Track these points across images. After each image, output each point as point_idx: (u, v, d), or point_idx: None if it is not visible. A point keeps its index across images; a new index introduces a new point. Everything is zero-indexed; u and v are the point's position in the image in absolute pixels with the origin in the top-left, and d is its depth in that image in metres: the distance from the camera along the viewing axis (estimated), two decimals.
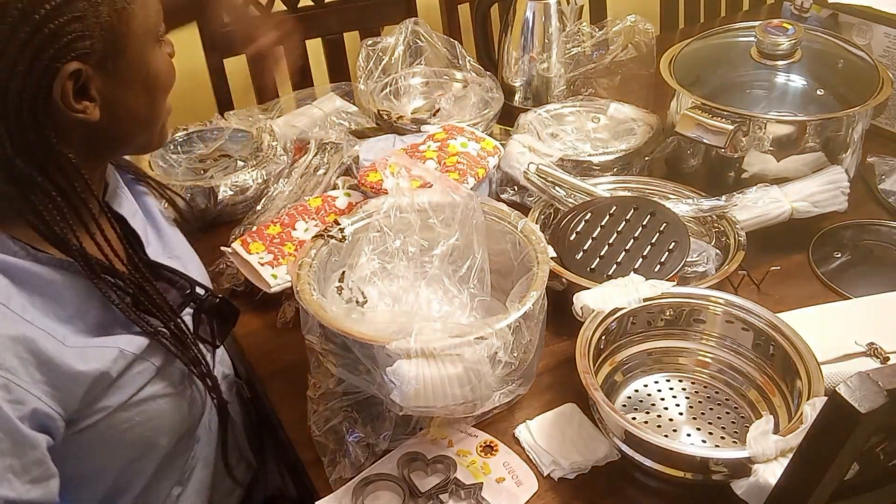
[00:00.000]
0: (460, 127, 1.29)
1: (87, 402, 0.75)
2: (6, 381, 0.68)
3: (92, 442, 0.77)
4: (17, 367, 0.69)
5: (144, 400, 0.80)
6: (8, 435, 0.68)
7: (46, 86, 0.68)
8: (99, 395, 0.76)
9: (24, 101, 0.67)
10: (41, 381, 0.70)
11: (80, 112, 0.71)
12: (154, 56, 0.76)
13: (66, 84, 0.69)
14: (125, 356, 0.77)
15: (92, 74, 0.71)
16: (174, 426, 0.85)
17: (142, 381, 0.79)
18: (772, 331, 0.93)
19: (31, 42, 0.66)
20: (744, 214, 1.13)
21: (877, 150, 1.34)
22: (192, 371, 0.84)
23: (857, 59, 1.27)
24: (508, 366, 0.84)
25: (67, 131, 0.72)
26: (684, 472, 0.82)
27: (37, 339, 0.70)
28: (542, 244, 0.96)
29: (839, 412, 0.58)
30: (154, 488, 0.89)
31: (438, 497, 0.84)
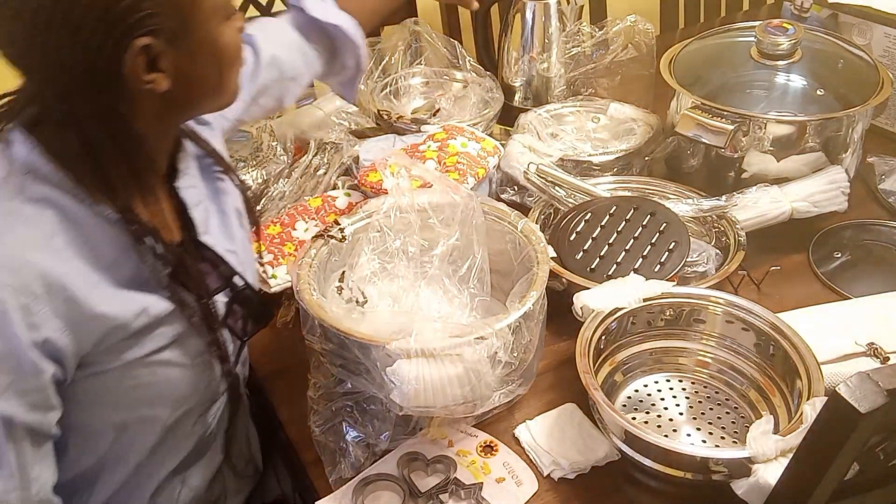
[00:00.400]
0: (460, 127, 1.29)
1: (102, 348, 0.77)
2: (27, 304, 0.71)
3: (97, 390, 0.79)
4: (42, 295, 0.71)
5: (156, 363, 0.81)
6: (15, 354, 0.71)
7: (118, 59, 0.71)
8: (114, 346, 0.78)
9: (97, 72, 0.71)
10: (62, 314, 0.73)
11: (150, 83, 0.74)
12: (222, 31, 0.78)
13: (138, 57, 0.72)
14: (147, 314, 0.79)
15: (162, 48, 0.73)
16: (179, 399, 0.85)
17: (158, 344, 0.81)
18: (772, 331, 0.93)
19: (105, 18, 0.69)
20: (744, 214, 1.13)
21: (877, 150, 1.34)
22: (209, 350, 0.85)
23: (857, 59, 1.27)
24: (508, 366, 0.84)
25: (138, 101, 0.75)
26: (684, 472, 0.82)
27: (69, 275, 0.73)
28: (542, 244, 0.96)
29: (839, 412, 0.59)
30: (150, 470, 0.88)
31: (438, 497, 0.84)
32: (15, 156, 0.75)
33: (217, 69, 0.80)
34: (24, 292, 0.70)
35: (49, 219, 0.74)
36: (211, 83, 0.80)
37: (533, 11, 1.44)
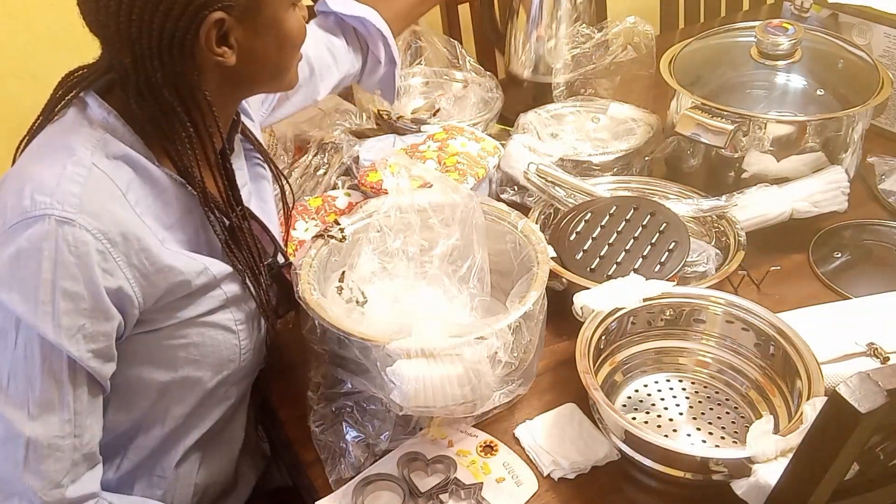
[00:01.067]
0: (460, 127, 1.29)
1: (162, 304, 0.81)
2: (106, 250, 0.75)
3: (148, 348, 0.83)
4: (120, 243, 0.76)
5: (207, 324, 0.86)
6: (92, 297, 0.75)
7: (195, 29, 0.76)
8: (174, 303, 0.82)
9: (175, 39, 0.76)
10: (135, 265, 0.77)
11: (219, 56, 0.80)
12: (288, 16, 0.83)
13: (211, 30, 0.77)
14: (207, 274, 0.84)
15: (233, 25, 0.79)
16: (222, 362, 0.88)
17: (212, 305, 0.86)
18: (772, 331, 0.93)
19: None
20: (744, 214, 1.13)
21: (877, 150, 1.34)
22: (255, 315, 0.91)
23: (857, 59, 1.27)
24: (508, 366, 0.84)
25: (207, 71, 0.81)
26: (684, 472, 0.82)
27: (141, 228, 0.78)
28: (542, 244, 0.96)
29: (839, 412, 0.59)
30: (181, 436, 0.91)
31: (438, 497, 0.84)
32: (93, 116, 0.80)
33: (280, 51, 0.85)
34: (104, 238, 0.75)
35: (125, 175, 0.79)
36: (273, 64, 0.86)
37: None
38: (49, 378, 0.74)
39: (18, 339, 0.74)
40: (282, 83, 0.91)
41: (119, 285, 0.76)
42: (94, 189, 0.76)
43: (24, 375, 0.74)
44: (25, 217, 0.73)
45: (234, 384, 0.92)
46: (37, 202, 0.73)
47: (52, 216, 0.73)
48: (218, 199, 0.87)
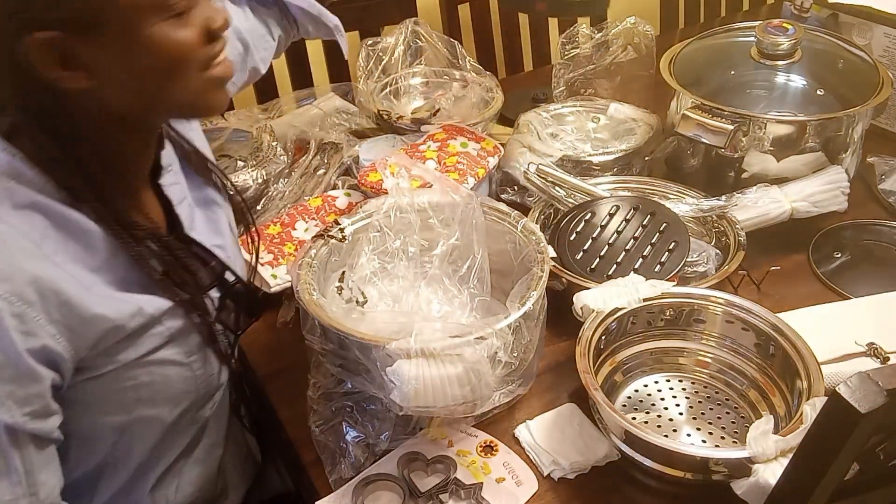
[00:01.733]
0: (460, 127, 1.29)
1: (99, 350, 0.76)
2: (22, 311, 0.70)
3: (96, 394, 0.79)
4: (36, 302, 0.70)
5: (154, 363, 0.81)
6: (13, 363, 0.70)
7: (18, 53, 0.68)
8: (111, 348, 0.77)
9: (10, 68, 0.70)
10: (57, 320, 0.72)
11: (66, 80, 0.71)
12: (155, 31, 0.71)
13: (45, 53, 0.68)
14: (143, 314, 0.78)
15: (75, 44, 0.69)
16: (178, 396, 0.85)
17: (154, 343, 0.80)
18: (772, 331, 0.93)
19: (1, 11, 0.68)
20: (744, 214, 1.13)
21: (877, 150, 1.34)
22: (207, 345, 0.85)
23: (857, 59, 1.27)
24: (508, 366, 0.84)
25: (71, 98, 0.73)
26: (684, 472, 0.82)
27: (61, 280, 0.72)
28: (542, 244, 0.96)
29: (839, 412, 0.58)
30: (151, 468, 0.88)
31: (438, 497, 0.84)
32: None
33: (154, 73, 0.73)
34: (18, 300, 0.69)
35: (37, 224, 0.72)
36: (151, 88, 0.74)
37: None
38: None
39: None
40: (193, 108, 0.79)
41: (43, 344, 0.71)
42: (3, 249, 0.70)
43: None
44: None
45: (199, 409, 0.89)
46: None
47: None
48: (147, 229, 0.80)
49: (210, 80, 0.77)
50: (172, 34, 0.72)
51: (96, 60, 0.71)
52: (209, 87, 0.77)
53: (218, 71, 0.77)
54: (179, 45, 0.72)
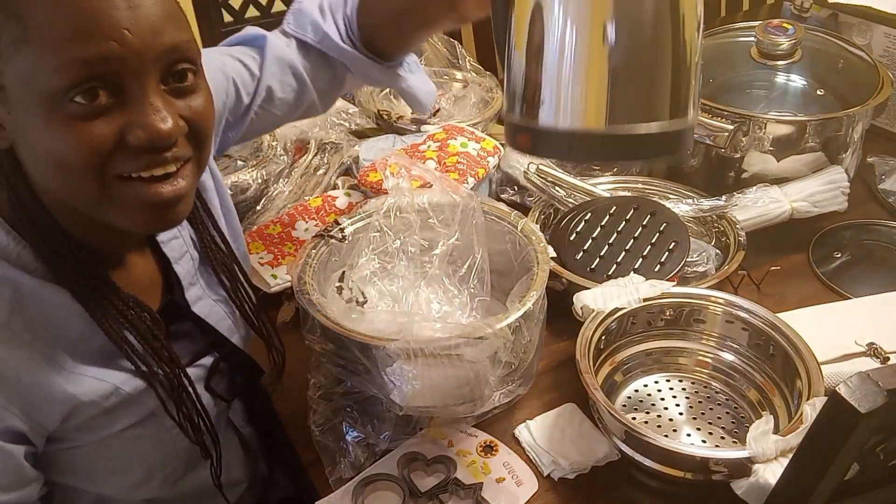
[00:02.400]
0: (460, 127, 1.29)
1: (71, 425, 0.73)
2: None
3: (71, 462, 0.77)
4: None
5: (130, 438, 0.77)
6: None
7: None
8: (84, 423, 0.73)
9: None
10: (21, 402, 0.68)
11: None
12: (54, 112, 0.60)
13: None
14: (119, 394, 0.74)
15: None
16: (157, 466, 0.81)
17: (131, 421, 0.76)
18: (772, 331, 0.93)
19: None
20: (744, 214, 1.13)
21: (877, 150, 1.34)
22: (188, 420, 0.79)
23: (857, 59, 1.27)
24: (508, 366, 0.84)
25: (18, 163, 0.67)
26: (684, 472, 0.82)
27: (28, 360, 0.68)
28: (542, 244, 0.96)
29: (839, 412, 0.58)
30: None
31: (438, 497, 0.84)
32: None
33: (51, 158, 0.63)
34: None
35: (6, 298, 0.67)
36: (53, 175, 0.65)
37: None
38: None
39: None
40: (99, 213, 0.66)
41: (7, 425, 0.68)
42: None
43: None
44: None
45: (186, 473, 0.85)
46: None
47: None
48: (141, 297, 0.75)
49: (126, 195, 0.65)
50: (73, 127, 0.60)
51: (7, 121, 0.64)
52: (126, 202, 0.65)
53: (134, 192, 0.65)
54: (75, 142, 0.61)
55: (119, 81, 0.61)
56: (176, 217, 0.68)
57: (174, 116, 0.63)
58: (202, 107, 0.67)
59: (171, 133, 0.63)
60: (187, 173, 0.67)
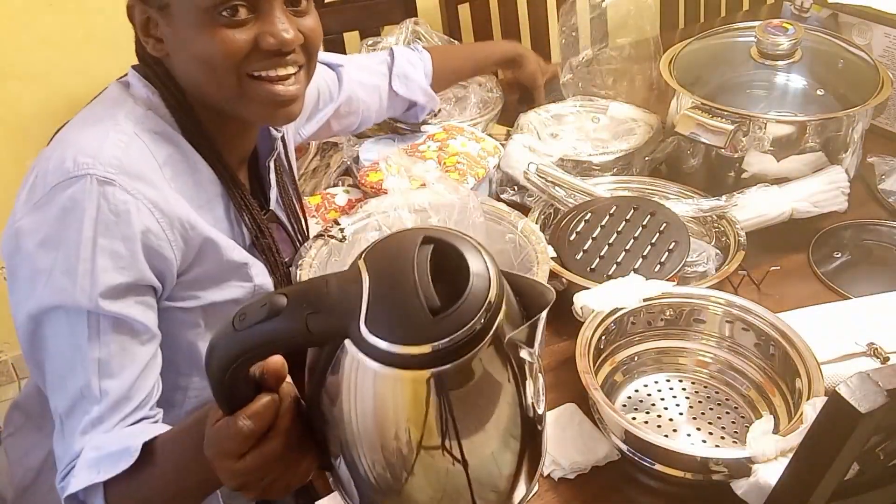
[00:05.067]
0: (460, 127, 1.29)
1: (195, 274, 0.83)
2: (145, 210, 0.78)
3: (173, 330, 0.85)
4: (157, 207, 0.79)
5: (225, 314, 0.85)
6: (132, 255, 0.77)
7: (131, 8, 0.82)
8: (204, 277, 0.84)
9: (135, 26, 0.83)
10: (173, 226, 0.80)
11: (149, 45, 0.83)
12: (205, 23, 0.78)
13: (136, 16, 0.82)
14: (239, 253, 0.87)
15: (154, 16, 0.81)
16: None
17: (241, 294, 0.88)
18: (772, 331, 0.93)
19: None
20: (744, 214, 1.13)
21: (877, 150, 1.34)
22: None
23: (857, 59, 1.27)
24: None
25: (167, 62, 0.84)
26: (684, 472, 0.82)
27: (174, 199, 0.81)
28: (542, 244, 0.96)
29: (839, 412, 0.59)
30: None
31: None
32: (136, 93, 0.85)
33: (199, 61, 0.81)
34: (144, 199, 0.77)
35: (164, 150, 0.82)
36: (199, 75, 0.82)
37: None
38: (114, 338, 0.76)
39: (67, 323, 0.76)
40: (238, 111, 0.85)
41: (158, 244, 0.78)
42: (135, 156, 0.79)
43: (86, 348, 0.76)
44: (67, 177, 0.76)
45: None
46: (79, 163, 0.76)
47: (93, 176, 0.75)
48: (247, 195, 0.89)
49: (255, 92, 0.82)
50: (220, 34, 0.78)
51: (164, 33, 0.81)
52: (254, 97, 0.82)
53: (264, 88, 0.82)
54: (221, 45, 0.79)
55: (255, 3, 0.79)
56: (290, 114, 0.86)
57: (295, 30, 0.81)
58: (314, 25, 0.85)
59: (294, 41, 0.81)
60: (301, 78, 0.85)
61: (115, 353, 0.76)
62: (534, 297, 0.56)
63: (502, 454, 0.58)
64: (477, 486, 0.57)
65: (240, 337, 0.54)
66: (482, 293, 0.52)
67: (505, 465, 0.59)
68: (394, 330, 0.51)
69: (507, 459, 0.58)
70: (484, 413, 0.55)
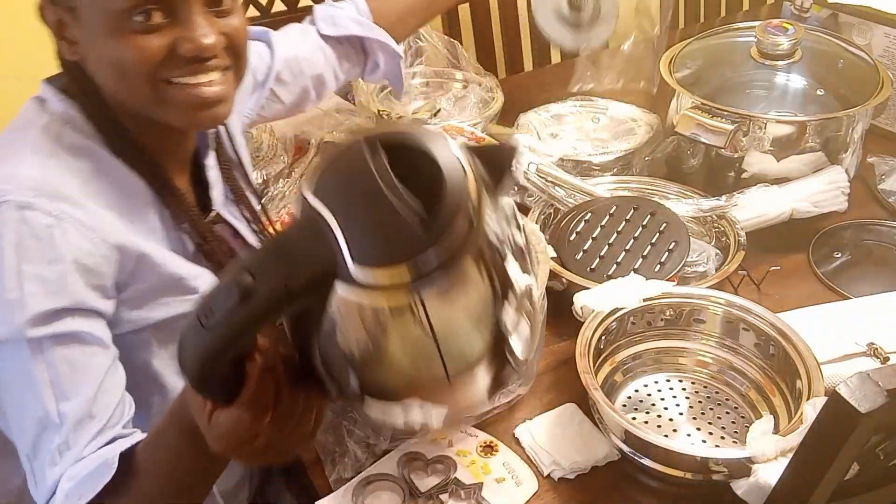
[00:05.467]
0: (460, 127, 1.29)
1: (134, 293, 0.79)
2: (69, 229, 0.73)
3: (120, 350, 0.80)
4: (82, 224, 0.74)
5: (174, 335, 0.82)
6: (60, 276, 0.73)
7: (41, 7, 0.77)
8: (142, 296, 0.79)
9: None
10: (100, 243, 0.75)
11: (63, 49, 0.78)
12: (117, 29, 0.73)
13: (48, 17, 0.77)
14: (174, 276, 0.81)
15: (63, 17, 0.76)
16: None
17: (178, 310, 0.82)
18: (772, 331, 0.93)
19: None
20: (744, 214, 1.13)
21: (877, 150, 1.34)
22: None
23: (857, 59, 1.27)
24: None
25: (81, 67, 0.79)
26: (684, 472, 0.82)
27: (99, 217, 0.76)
28: (542, 244, 0.96)
29: (839, 412, 0.59)
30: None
31: (438, 497, 0.84)
32: (52, 109, 0.80)
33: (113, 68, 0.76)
34: (66, 217, 0.73)
35: (84, 166, 0.78)
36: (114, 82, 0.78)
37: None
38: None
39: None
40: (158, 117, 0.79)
41: (94, 263, 0.74)
42: (54, 176, 0.75)
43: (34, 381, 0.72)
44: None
45: None
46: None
47: (10, 202, 0.72)
48: (186, 200, 0.84)
49: (173, 97, 0.77)
50: (132, 40, 0.73)
51: (77, 36, 0.76)
52: (173, 102, 0.77)
53: (183, 93, 0.77)
54: (134, 53, 0.74)
55: (170, 4, 0.73)
56: (215, 116, 0.80)
57: (216, 33, 0.76)
58: (238, 25, 0.79)
59: (214, 45, 0.76)
60: (227, 79, 0.80)
61: (66, 373, 0.72)
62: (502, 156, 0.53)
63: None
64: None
65: (215, 334, 0.50)
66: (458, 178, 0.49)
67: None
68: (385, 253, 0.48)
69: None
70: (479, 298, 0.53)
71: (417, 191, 0.49)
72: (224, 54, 0.78)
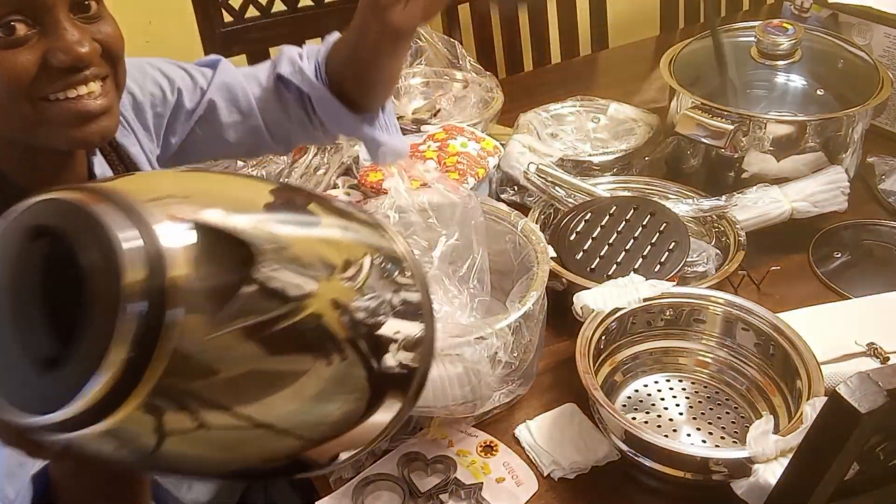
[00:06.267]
0: (460, 127, 1.29)
1: None
2: None
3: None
4: None
5: None
6: None
7: None
8: None
9: None
10: None
11: None
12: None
13: None
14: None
15: None
16: None
17: None
18: (772, 331, 0.93)
19: None
20: (744, 214, 1.13)
21: (877, 150, 1.34)
22: None
23: (857, 59, 1.27)
24: (508, 366, 0.84)
25: None
26: (684, 472, 0.82)
27: None
28: (542, 244, 0.96)
29: (839, 412, 0.58)
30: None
31: (438, 497, 0.84)
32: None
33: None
34: None
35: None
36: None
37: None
38: None
39: None
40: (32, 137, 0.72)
41: None
42: None
43: None
44: None
45: None
46: None
47: None
48: None
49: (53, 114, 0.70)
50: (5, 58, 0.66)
51: None
52: (54, 119, 0.71)
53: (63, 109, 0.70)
54: (2, 71, 0.67)
55: (34, 15, 0.67)
56: (102, 130, 0.73)
57: (89, 40, 0.70)
58: (111, 30, 0.73)
59: (90, 53, 0.70)
60: (107, 90, 0.73)
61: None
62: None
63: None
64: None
65: None
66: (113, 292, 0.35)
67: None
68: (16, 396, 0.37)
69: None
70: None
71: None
72: (101, 62, 0.72)
